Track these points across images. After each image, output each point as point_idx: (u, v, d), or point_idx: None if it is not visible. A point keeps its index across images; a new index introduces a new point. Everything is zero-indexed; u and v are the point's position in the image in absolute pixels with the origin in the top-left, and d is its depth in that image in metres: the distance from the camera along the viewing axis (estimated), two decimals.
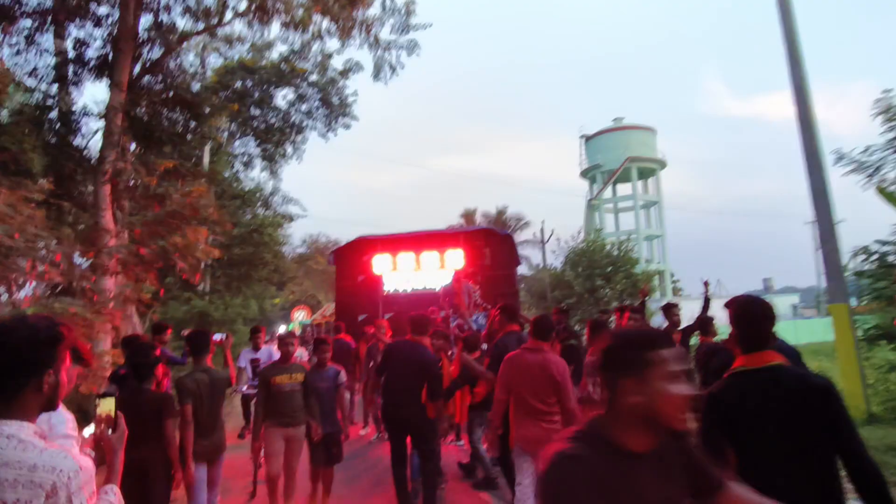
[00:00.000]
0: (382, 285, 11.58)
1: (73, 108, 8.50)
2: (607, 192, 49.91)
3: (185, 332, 6.10)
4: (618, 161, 47.93)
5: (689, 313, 6.67)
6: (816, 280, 47.96)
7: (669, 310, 6.52)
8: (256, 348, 7.42)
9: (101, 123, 7.89)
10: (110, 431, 1.77)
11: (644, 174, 49.93)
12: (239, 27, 17.58)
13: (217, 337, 5.75)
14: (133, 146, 9.41)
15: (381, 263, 11.62)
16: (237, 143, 23.63)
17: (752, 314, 2.06)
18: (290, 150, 23.30)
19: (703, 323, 5.42)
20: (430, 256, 11.59)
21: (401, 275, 11.64)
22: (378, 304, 11.58)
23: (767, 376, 1.96)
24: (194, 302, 14.96)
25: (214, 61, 21.60)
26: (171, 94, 8.77)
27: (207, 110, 9.24)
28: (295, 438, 4.63)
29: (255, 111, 22.01)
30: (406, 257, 11.62)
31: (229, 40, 20.55)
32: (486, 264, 11.65)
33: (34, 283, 5.24)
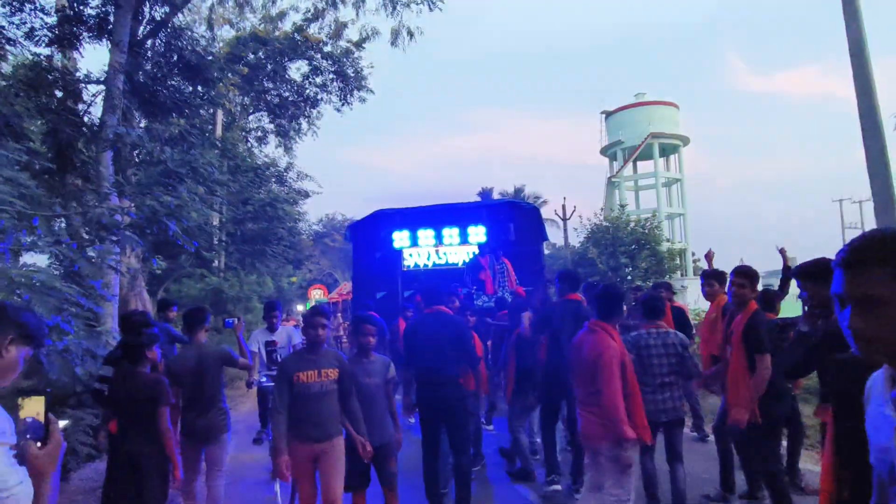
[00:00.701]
0: (402, 261, 11.04)
1: (74, 72, 7.98)
2: (627, 170, 48.63)
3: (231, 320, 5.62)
4: (639, 138, 46.54)
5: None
6: None
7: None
8: (272, 329, 6.13)
9: (103, 89, 7.37)
10: (38, 445, 1.22)
11: (666, 151, 48.45)
12: None
13: (229, 323, 5.30)
14: (138, 118, 8.89)
15: (400, 238, 11.07)
16: (250, 117, 23.11)
17: None
18: (304, 125, 22.77)
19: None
20: (451, 231, 11.00)
21: (421, 250, 11.09)
22: (397, 280, 11.06)
23: None
24: (208, 279, 14.61)
25: (226, 33, 20.99)
26: (176, 57, 8.21)
27: (215, 74, 8.62)
28: (329, 457, 3.39)
29: (268, 84, 21.41)
30: (426, 232, 11.05)
31: (239, 4, 19.86)
32: (511, 239, 11.03)
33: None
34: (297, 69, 21.57)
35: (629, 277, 21.07)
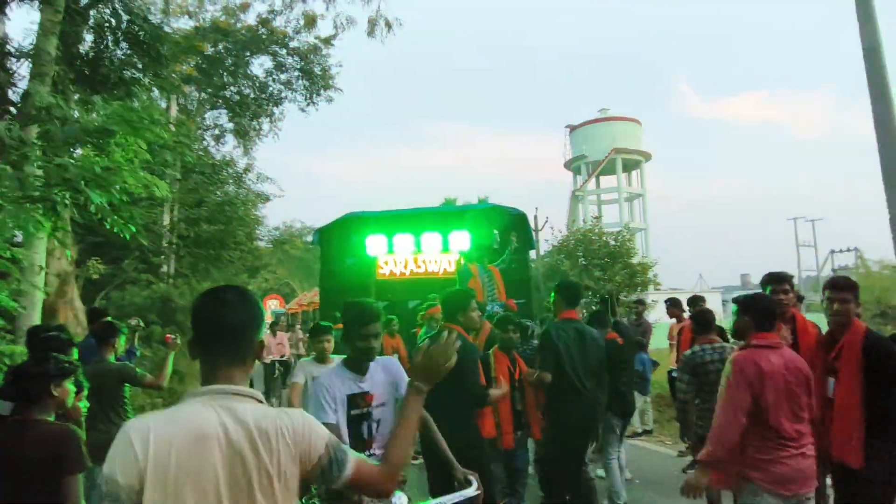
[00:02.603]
0: (376, 270, 10.04)
1: None
2: (591, 184, 49.06)
3: (132, 322, 4.69)
4: (603, 152, 47.07)
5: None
6: (798, 277, 48.15)
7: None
8: None
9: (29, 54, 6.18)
10: None
11: (629, 166, 49.22)
12: None
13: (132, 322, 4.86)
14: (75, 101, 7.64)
15: (374, 244, 10.08)
16: (207, 115, 21.63)
17: None
18: (265, 125, 21.45)
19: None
20: (431, 238, 10.10)
21: (398, 258, 10.13)
22: (370, 290, 10.05)
23: None
24: (155, 286, 13.17)
25: (184, 24, 19.55)
26: (124, 26, 7.07)
27: (168, 50, 7.49)
28: None
29: (228, 79, 20.05)
30: (404, 238, 10.11)
31: None
32: (495, 247, 10.23)
33: None
34: (260, 65, 20.33)
35: (600, 292, 20.71)
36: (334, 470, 1.33)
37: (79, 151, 4.89)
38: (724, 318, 19.55)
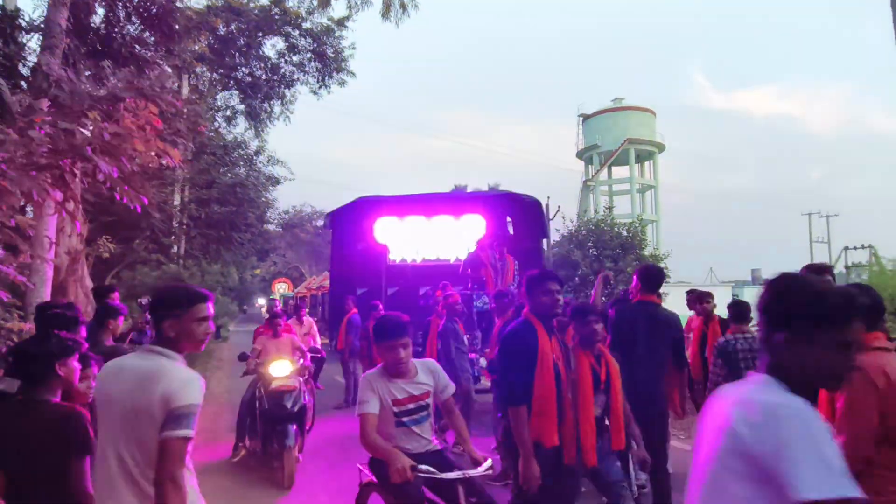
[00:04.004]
0: (387, 254, 9.93)
1: (5, 7, 6.58)
2: (602, 175, 48.50)
3: (143, 301, 4.55)
4: (616, 142, 46.46)
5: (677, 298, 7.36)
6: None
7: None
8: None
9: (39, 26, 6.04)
10: None
11: (642, 157, 48.58)
12: None
13: (143, 301, 4.66)
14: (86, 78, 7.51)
15: (386, 229, 9.96)
16: (219, 96, 21.47)
17: None
18: (277, 108, 21.27)
19: None
20: (443, 223, 9.97)
21: (409, 243, 10.01)
22: (381, 275, 9.96)
23: None
24: (166, 266, 13.13)
25: (196, 3, 19.33)
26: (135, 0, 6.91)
27: (181, 25, 7.33)
28: None
29: (240, 60, 19.85)
30: (416, 223, 9.98)
31: None
32: (509, 234, 10.07)
33: None
34: (272, 46, 20.10)
35: (612, 282, 20.47)
36: None
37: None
38: None
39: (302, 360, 5.84)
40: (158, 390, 1.70)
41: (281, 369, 5.31)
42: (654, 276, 3.95)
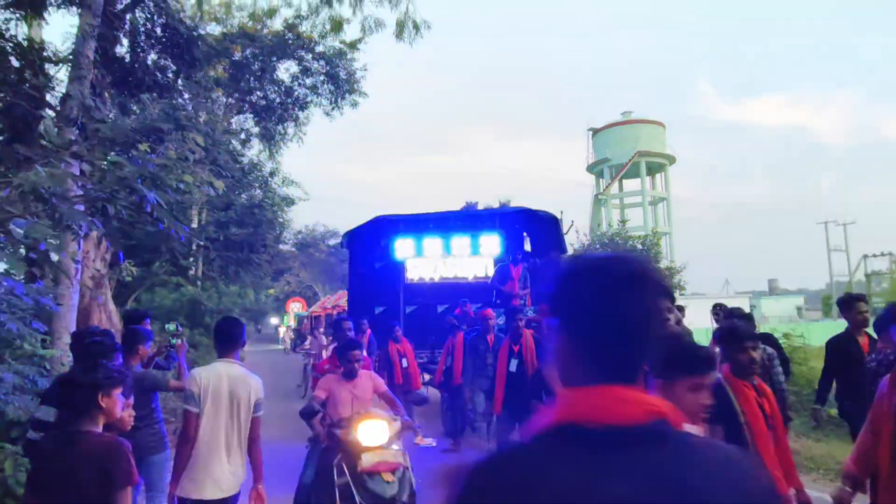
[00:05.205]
0: (404, 273, 9.93)
1: (33, 40, 6.78)
2: (613, 188, 48.40)
3: (172, 326, 4.57)
4: (626, 155, 46.44)
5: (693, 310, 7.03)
6: (830, 283, 46.74)
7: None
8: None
9: (68, 57, 6.21)
10: None
11: (652, 169, 48.47)
12: None
13: (170, 327, 4.35)
14: (110, 104, 7.67)
15: (403, 248, 9.98)
16: (234, 119, 21.84)
17: None
18: (291, 129, 21.58)
19: None
20: (461, 241, 9.96)
21: (427, 261, 10.00)
22: (399, 294, 9.95)
23: None
24: (184, 289, 13.25)
25: (212, 30, 19.79)
26: (158, 30, 7.07)
27: (202, 53, 7.49)
28: None
29: (254, 84, 20.21)
30: (433, 241, 9.99)
31: (227, 6, 18.79)
32: (526, 251, 10.05)
33: None
34: (285, 69, 20.47)
35: None
36: None
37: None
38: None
39: (399, 416, 3.91)
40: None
41: (374, 434, 3.54)
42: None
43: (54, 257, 5.31)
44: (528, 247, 10.26)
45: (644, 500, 0.71)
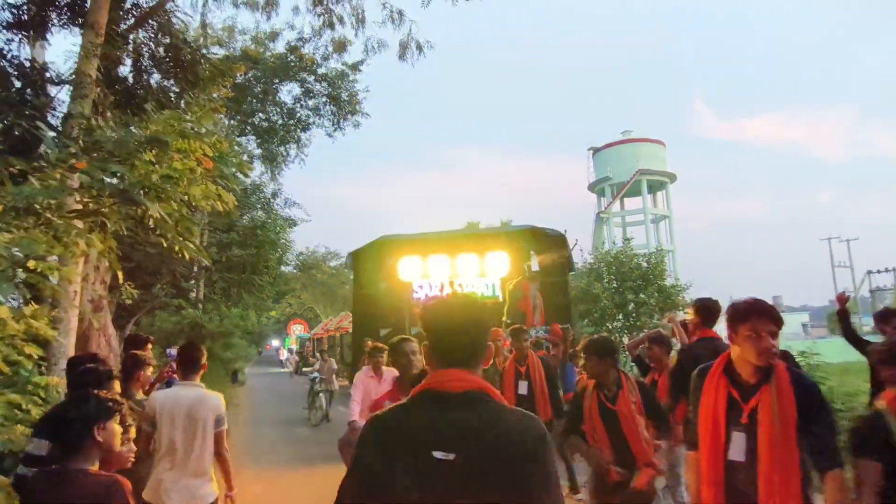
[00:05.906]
0: (411, 293, 9.75)
1: (35, 60, 6.72)
2: (615, 206, 48.44)
3: (174, 350, 4.35)
4: (627, 174, 46.59)
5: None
6: (832, 299, 46.42)
7: None
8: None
9: (70, 77, 6.13)
10: None
11: (653, 188, 48.59)
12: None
13: (171, 352, 4.32)
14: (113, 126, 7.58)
15: (409, 268, 9.81)
16: (236, 141, 21.87)
17: None
18: (292, 151, 21.59)
19: None
20: (467, 260, 9.80)
21: (433, 281, 9.82)
22: (405, 315, 9.76)
23: None
24: (185, 311, 13.04)
25: (213, 53, 19.92)
26: (161, 49, 7.01)
27: (206, 72, 7.41)
28: None
29: (256, 106, 20.28)
30: (439, 261, 9.82)
31: (229, 28, 18.95)
32: (534, 270, 9.87)
33: None
34: (288, 91, 20.56)
35: (634, 314, 20.11)
36: None
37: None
38: None
39: None
40: None
41: None
42: (712, 309, 3.70)
43: (53, 280, 5.15)
44: (535, 265, 10.09)
45: (449, 433, 1.25)
